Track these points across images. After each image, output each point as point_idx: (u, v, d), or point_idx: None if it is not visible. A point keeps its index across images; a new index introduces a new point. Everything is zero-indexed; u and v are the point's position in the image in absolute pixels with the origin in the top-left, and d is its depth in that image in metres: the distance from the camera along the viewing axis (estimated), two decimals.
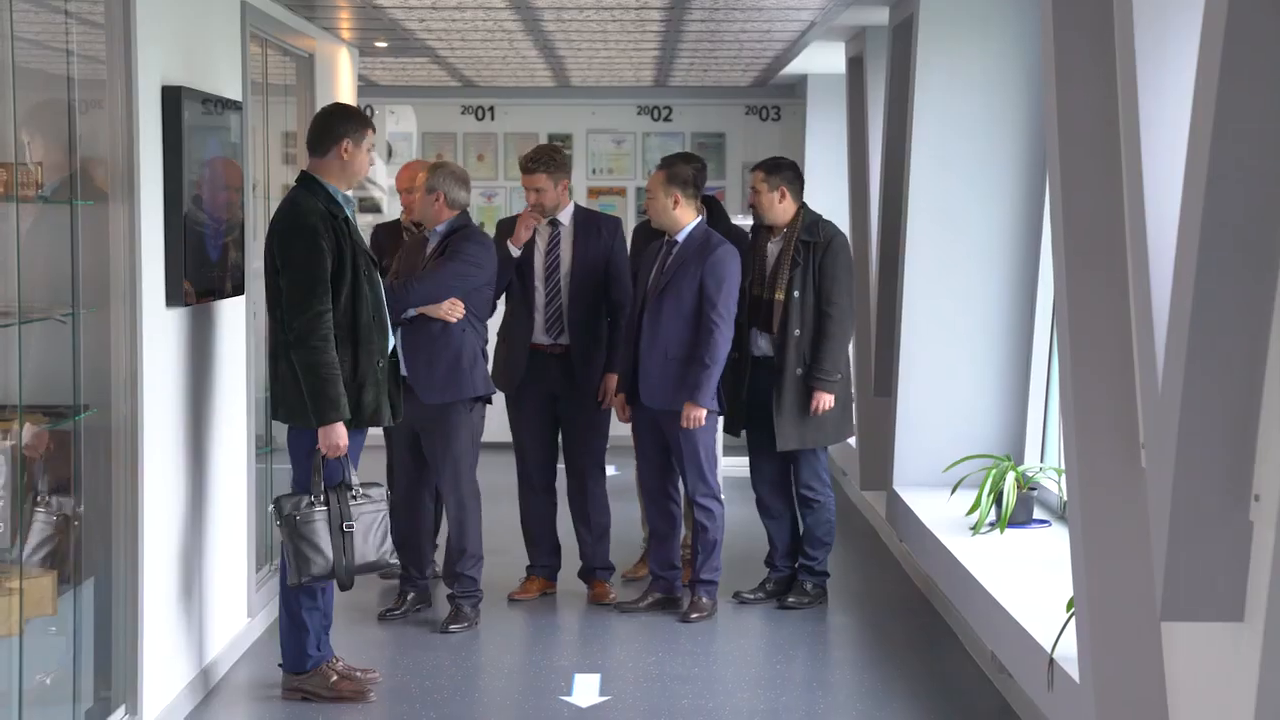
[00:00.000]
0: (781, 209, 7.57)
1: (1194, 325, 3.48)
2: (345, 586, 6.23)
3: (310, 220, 6.09)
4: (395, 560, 6.44)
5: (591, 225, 7.75)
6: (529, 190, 7.69)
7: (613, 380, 7.67)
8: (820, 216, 7.63)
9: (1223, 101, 3.34)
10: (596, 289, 7.69)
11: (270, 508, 6.27)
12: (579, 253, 7.67)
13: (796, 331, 7.43)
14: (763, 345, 7.57)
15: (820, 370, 7.43)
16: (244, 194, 6.92)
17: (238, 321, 6.88)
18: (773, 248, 7.59)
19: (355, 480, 6.19)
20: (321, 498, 6.12)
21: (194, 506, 6.31)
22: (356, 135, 6.23)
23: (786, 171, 7.61)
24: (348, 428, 6.11)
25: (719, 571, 7.58)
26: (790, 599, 7.67)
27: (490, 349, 7.59)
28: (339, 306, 6.09)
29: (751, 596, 7.78)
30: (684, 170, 7.51)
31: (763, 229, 7.67)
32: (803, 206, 7.61)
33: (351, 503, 6.15)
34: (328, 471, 6.15)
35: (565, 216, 7.73)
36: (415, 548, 7.51)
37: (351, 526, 6.13)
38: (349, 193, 6.31)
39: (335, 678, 6.30)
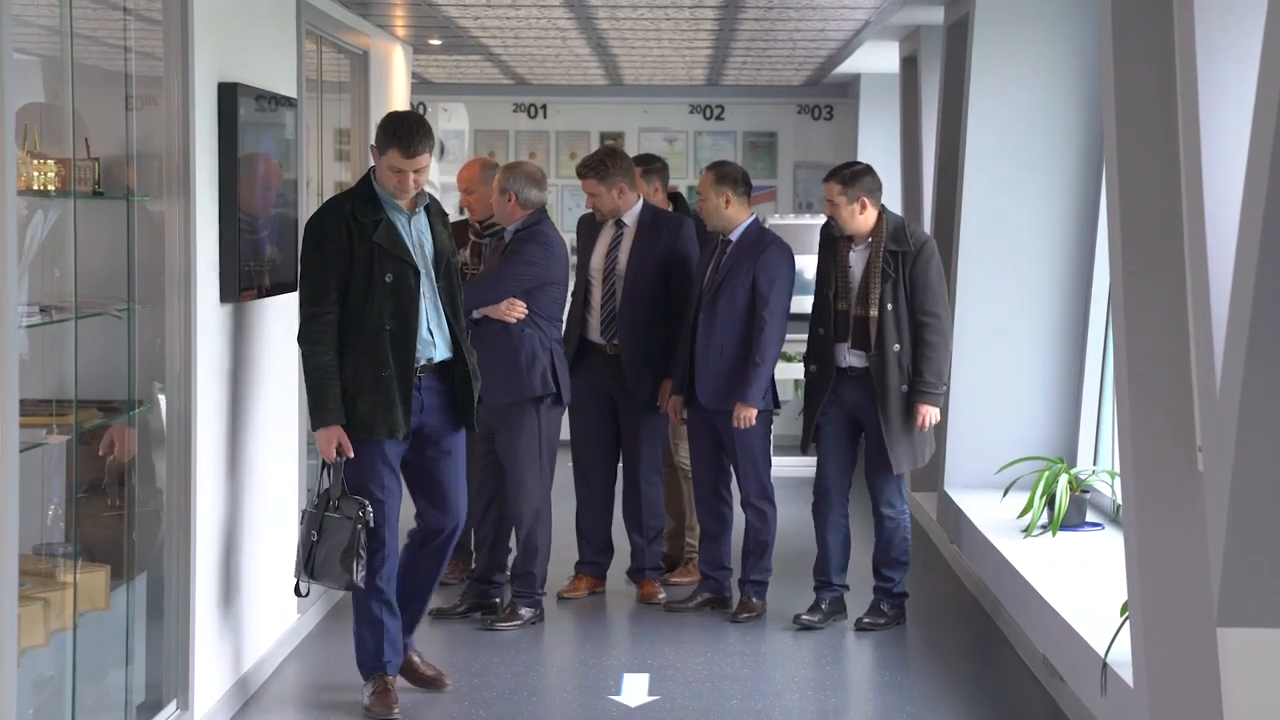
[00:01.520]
0: (863, 219, 7.02)
1: (1254, 325, 3.44)
2: (296, 591, 6.10)
3: (321, 219, 5.97)
4: (350, 586, 5.97)
5: (655, 227, 7.65)
6: (587, 194, 7.70)
7: (668, 382, 7.61)
8: (904, 221, 7.17)
9: None
10: (653, 291, 7.58)
11: None
12: (637, 254, 7.59)
13: (896, 347, 6.96)
14: (853, 359, 7.11)
15: (923, 383, 7.00)
16: (297, 191, 6.94)
17: (291, 318, 6.89)
18: (855, 258, 7.06)
19: (337, 492, 5.89)
20: (314, 501, 6.00)
21: (245, 502, 6.33)
22: (380, 145, 5.93)
23: (865, 179, 7.05)
24: (352, 437, 5.87)
25: (769, 573, 7.55)
26: (866, 619, 7.32)
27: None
28: (343, 310, 5.88)
29: (809, 618, 7.34)
30: (734, 169, 7.48)
31: (841, 237, 7.16)
32: (883, 211, 7.10)
33: (326, 515, 5.91)
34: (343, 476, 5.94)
35: (630, 218, 7.65)
36: (490, 552, 7.42)
37: (314, 536, 5.93)
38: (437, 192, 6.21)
39: (369, 694, 6.14)
